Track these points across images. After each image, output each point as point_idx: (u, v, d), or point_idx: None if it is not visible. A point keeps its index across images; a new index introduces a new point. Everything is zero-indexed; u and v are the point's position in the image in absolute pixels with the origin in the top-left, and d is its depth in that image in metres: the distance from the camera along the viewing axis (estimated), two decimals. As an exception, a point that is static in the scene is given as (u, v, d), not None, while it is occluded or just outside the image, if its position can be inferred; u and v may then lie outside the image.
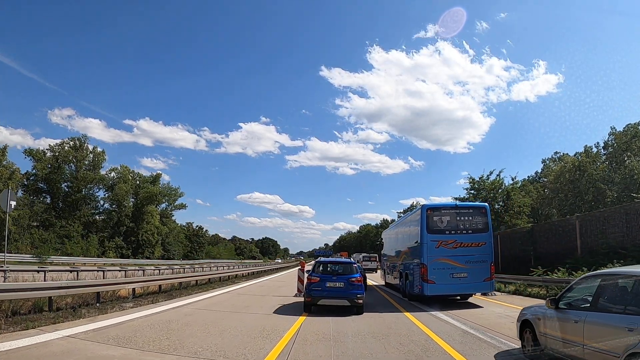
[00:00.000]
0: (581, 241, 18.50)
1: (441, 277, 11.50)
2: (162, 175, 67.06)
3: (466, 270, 11.63)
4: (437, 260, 11.67)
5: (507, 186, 32.33)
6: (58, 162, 54.70)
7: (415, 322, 8.90)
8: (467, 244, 11.84)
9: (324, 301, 9.98)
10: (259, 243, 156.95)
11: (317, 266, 10.98)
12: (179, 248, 69.07)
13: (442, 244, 11.77)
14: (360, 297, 9.96)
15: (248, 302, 12.21)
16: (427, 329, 7.86)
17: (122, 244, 56.30)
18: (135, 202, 59.86)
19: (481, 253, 11.88)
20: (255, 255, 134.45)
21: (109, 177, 58.23)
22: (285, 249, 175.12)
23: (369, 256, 41.82)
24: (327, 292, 10.01)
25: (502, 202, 32.22)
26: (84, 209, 55.19)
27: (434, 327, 8.17)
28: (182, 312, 9.69)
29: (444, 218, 12.21)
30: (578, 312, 4.60)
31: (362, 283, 10.60)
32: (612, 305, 4.24)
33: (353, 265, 11.17)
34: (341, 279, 10.25)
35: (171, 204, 69.09)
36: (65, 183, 55.37)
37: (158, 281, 13.16)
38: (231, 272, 24.37)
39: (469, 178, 34.05)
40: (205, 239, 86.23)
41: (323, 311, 9.90)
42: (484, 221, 12.23)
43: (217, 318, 8.94)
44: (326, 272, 10.64)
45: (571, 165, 36.12)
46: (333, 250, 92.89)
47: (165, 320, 8.30)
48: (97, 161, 56.94)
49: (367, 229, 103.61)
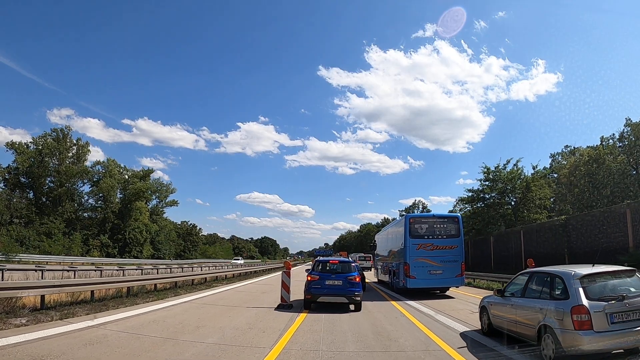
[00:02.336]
0: (634, 232, 15.08)
1: (421, 273, 13.93)
2: (154, 172, 62.96)
3: (441, 268, 14.05)
4: (417, 260, 14.06)
5: (527, 176, 28.77)
6: (41, 156, 51.33)
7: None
8: (442, 247, 14.28)
9: (323, 298, 10.37)
10: (257, 242, 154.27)
11: (317, 265, 11.34)
12: (170, 247, 65.41)
13: (422, 247, 14.22)
14: (358, 294, 10.35)
15: (205, 319, 8.73)
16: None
17: (108, 242, 52.81)
18: (122, 198, 56.31)
19: (453, 254, 14.32)
20: (254, 255, 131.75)
21: (94, 170, 54.65)
22: (285, 249, 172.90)
23: (364, 256, 44.56)
24: (327, 289, 10.40)
25: (521, 194, 28.67)
26: (67, 204, 51.68)
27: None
28: (83, 337, 6.20)
29: (423, 226, 14.71)
30: (514, 299, 6.50)
31: (359, 281, 10.85)
32: (532, 293, 6.09)
33: (351, 264, 11.41)
34: (340, 277, 10.57)
35: (162, 201, 65.56)
36: (49, 177, 52.04)
37: (88, 286, 9.67)
38: (213, 273, 20.90)
39: (482, 168, 30.58)
40: (199, 238, 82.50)
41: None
42: (456, 228, 14.70)
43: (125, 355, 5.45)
44: (325, 271, 10.97)
45: (587, 157, 32.53)
46: (333, 250, 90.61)
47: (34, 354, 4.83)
48: (82, 154, 53.48)
49: (368, 227, 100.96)
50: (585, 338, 4.76)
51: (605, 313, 4.86)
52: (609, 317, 4.86)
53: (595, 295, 5.04)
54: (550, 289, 5.61)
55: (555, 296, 5.43)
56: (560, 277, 5.52)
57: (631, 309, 4.90)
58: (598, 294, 5.05)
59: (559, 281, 5.49)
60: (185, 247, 75.10)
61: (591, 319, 4.82)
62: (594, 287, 5.16)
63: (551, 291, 5.58)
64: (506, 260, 24.63)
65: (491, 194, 29.19)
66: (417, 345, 6.47)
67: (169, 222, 68.48)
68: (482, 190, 29.88)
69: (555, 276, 5.65)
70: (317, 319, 9.03)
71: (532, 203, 28.09)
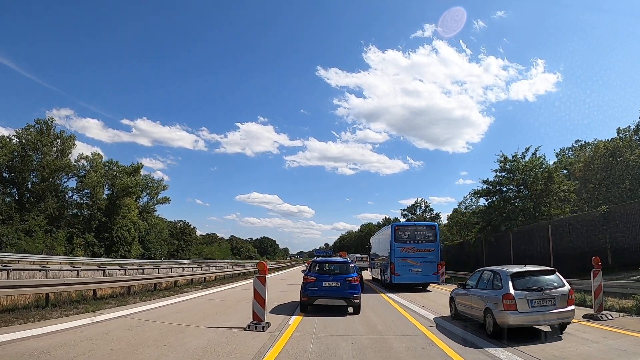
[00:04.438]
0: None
1: (404, 271, 16.84)
2: (143, 167, 59.50)
3: (421, 267, 16.84)
4: (401, 260, 16.95)
5: (549, 166, 25.57)
6: (25, 150, 48.26)
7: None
8: (421, 250, 17.10)
9: (320, 301, 9.86)
10: (256, 243, 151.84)
11: (314, 265, 10.85)
12: (162, 246, 62.27)
13: (405, 250, 17.08)
14: (356, 296, 9.91)
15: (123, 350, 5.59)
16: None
17: (93, 241, 49.67)
18: (110, 195, 53.16)
19: (431, 256, 17.15)
20: (253, 255, 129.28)
21: (78, 165, 51.46)
22: (285, 249, 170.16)
23: (361, 256, 46.71)
24: (324, 291, 9.92)
25: (543, 185, 25.47)
26: (50, 201, 48.54)
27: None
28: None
29: (406, 232, 17.65)
30: (470, 289, 8.38)
31: (358, 283, 10.43)
32: (481, 285, 7.98)
33: (350, 264, 10.92)
34: (337, 278, 10.13)
35: (153, 198, 62.36)
36: (33, 172, 48.95)
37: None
38: (187, 275, 17.80)
39: (499, 157, 27.38)
40: (193, 237, 79.27)
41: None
42: (433, 234, 17.60)
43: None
44: (322, 272, 10.46)
45: (603, 150, 29.38)
46: (333, 250, 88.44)
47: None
48: (66, 147, 50.31)
49: (369, 227, 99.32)
50: (511, 316, 6.78)
51: (527, 299, 6.87)
52: (529, 302, 6.88)
53: (521, 286, 7.02)
54: (493, 282, 7.56)
55: (495, 287, 7.40)
56: (499, 273, 7.50)
57: (547, 297, 6.97)
58: (523, 286, 7.04)
59: (498, 276, 7.43)
60: (178, 246, 71.95)
61: (516, 303, 6.80)
62: (521, 281, 7.11)
63: (493, 283, 7.54)
64: (529, 259, 21.52)
65: (509, 186, 25.96)
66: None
67: (161, 221, 65.29)
68: (500, 182, 26.64)
69: (496, 272, 7.61)
70: (303, 350, 5.94)
71: (555, 196, 24.88)
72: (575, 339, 6.88)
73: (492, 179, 27.47)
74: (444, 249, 39.13)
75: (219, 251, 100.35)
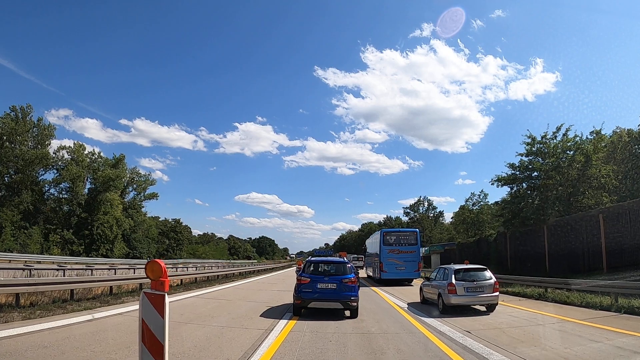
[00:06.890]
0: None
1: (390, 269, 20.55)
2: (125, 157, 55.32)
3: (404, 265, 20.55)
4: (388, 260, 20.73)
5: (587, 147, 21.59)
6: (1, 140, 44.42)
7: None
8: (404, 252, 20.86)
9: (315, 304, 9.30)
10: (255, 242, 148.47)
11: (308, 266, 10.25)
12: (150, 245, 58.29)
13: (391, 251, 20.88)
14: (354, 299, 9.33)
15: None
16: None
17: (72, 239, 45.74)
18: (91, 189, 49.26)
19: (413, 257, 20.95)
20: (251, 255, 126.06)
21: (57, 157, 47.56)
22: (285, 249, 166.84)
23: (357, 257, 48.77)
24: (319, 293, 9.35)
25: (580, 170, 21.52)
26: (25, 194, 44.62)
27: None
28: None
29: (392, 237, 21.61)
30: (433, 281, 11.51)
31: (356, 284, 9.85)
32: (439, 278, 11.14)
33: (346, 265, 10.30)
34: (333, 279, 9.59)
35: (140, 193, 58.39)
36: (10, 163, 45.07)
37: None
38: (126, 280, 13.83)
39: (526, 138, 23.42)
40: (185, 236, 75.26)
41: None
42: (414, 238, 21.50)
43: None
44: (317, 273, 9.90)
45: (627, 138, 25.60)
46: (333, 250, 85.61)
47: None
48: (44, 137, 46.41)
49: (370, 226, 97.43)
50: (453, 298, 10.04)
51: (464, 287, 10.14)
52: (465, 289, 10.13)
53: (460, 278, 10.32)
54: (444, 275, 10.86)
55: (445, 279, 10.66)
56: (448, 269, 10.91)
57: (477, 286, 10.20)
58: (462, 278, 10.33)
59: (447, 272, 10.79)
60: (169, 245, 68.03)
61: (456, 289, 10.07)
62: (460, 274, 10.43)
63: (444, 276, 10.83)
64: (571, 257, 17.58)
65: (541, 170, 21.97)
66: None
67: (149, 218, 61.34)
68: (530, 166, 22.67)
69: (446, 269, 11.03)
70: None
71: (595, 182, 20.95)
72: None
73: (517, 164, 23.57)
74: (458, 247, 35.87)
75: (215, 251, 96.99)
